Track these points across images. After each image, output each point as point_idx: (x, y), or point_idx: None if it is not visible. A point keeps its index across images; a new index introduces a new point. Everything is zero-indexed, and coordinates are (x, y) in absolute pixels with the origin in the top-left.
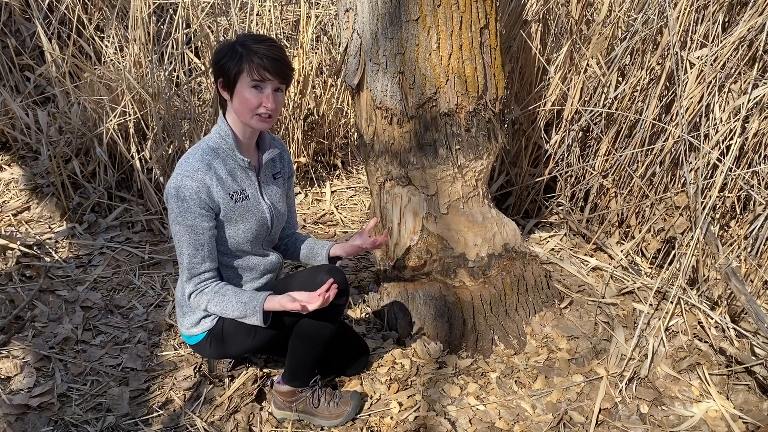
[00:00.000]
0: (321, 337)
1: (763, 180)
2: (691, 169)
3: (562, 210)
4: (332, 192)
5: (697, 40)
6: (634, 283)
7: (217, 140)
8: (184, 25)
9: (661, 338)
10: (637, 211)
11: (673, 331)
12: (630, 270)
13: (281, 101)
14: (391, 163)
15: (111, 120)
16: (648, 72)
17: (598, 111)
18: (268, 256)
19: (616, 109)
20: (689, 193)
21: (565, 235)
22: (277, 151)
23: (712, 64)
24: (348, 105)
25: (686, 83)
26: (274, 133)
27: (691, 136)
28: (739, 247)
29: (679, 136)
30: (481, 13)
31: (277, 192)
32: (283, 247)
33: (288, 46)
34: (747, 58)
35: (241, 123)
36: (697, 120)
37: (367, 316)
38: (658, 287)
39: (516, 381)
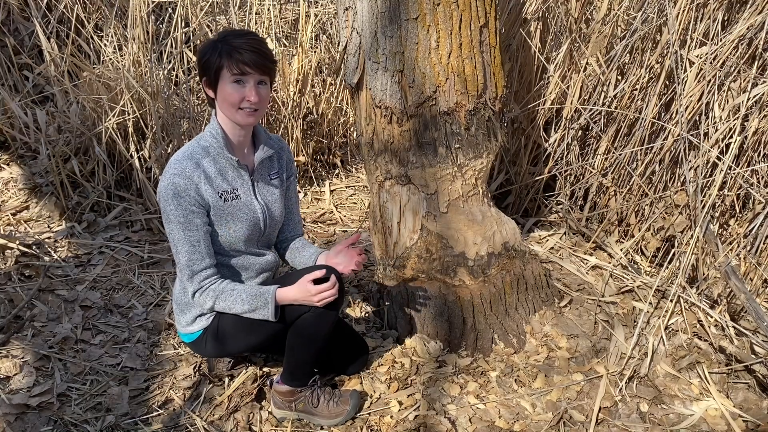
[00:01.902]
0: (318, 335)
1: (762, 178)
2: (691, 168)
3: (561, 209)
4: (331, 191)
5: (697, 38)
6: (634, 281)
7: (208, 139)
8: (183, 24)
9: (661, 337)
10: (636, 209)
11: (672, 329)
12: (630, 268)
13: (266, 94)
14: (390, 162)
15: (110, 119)
16: (647, 70)
17: (597, 109)
18: (264, 255)
19: (616, 108)
20: (689, 191)
21: (565, 233)
22: (272, 151)
23: (711, 63)
24: (347, 104)
25: (686, 82)
26: (272, 132)
27: (691, 135)
28: (738, 246)
29: (678, 135)
30: (480, 12)
31: (273, 193)
32: (283, 251)
33: (287, 44)
34: (746, 56)
35: (230, 121)
36: (697, 118)
37: (367, 315)
38: (658, 286)
39: (516, 380)
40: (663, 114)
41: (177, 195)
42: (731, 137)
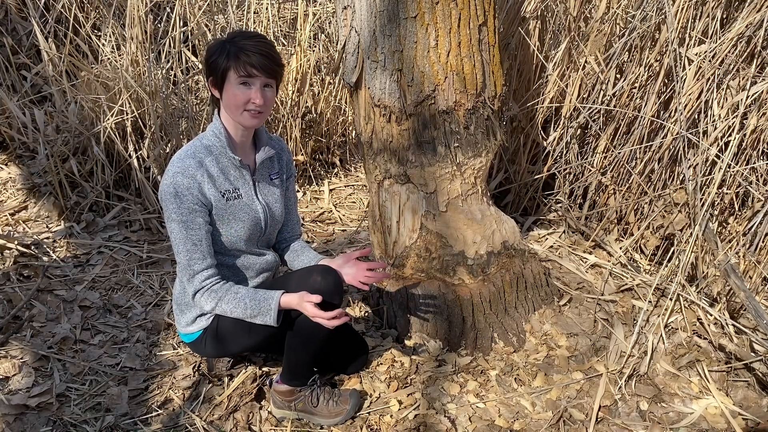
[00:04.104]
0: (317, 335)
1: (761, 176)
2: (690, 166)
3: (560, 207)
4: (330, 190)
5: (696, 36)
6: (633, 280)
7: (211, 138)
8: (182, 23)
9: (661, 335)
10: (635, 208)
11: (672, 327)
12: (629, 267)
13: (271, 97)
14: (389, 161)
15: (108, 119)
16: (646, 69)
17: (596, 108)
18: (264, 255)
19: (615, 106)
20: (688, 189)
21: (564, 232)
22: (273, 152)
23: (710, 61)
24: (346, 103)
25: (685, 80)
26: (272, 132)
27: (690, 133)
28: (737, 244)
29: (677, 133)
30: (479, 10)
31: (273, 192)
32: (282, 252)
33: (285, 44)
34: (745, 54)
35: (233, 121)
36: (696, 117)
37: (367, 314)
38: (657, 284)
39: (516, 378)
40: (662, 112)
41: (179, 194)
42: (730, 135)
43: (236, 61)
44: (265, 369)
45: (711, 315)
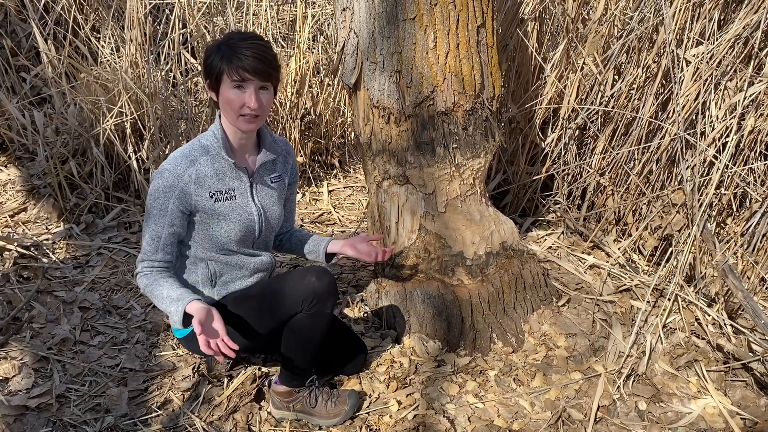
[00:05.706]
0: (313, 336)
1: (759, 177)
2: (688, 167)
3: (559, 208)
4: (330, 191)
5: (693, 37)
6: (632, 280)
7: (209, 138)
8: (181, 25)
9: (659, 335)
10: (634, 208)
11: (670, 328)
12: (627, 267)
13: (268, 100)
14: (388, 162)
15: (108, 120)
16: (644, 70)
17: (594, 109)
18: (259, 256)
19: (613, 107)
20: (686, 190)
21: (563, 233)
22: (274, 156)
23: (708, 62)
24: (345, 104)
25: (682, 81)
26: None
27: (688, 134)
28: (735, 244)
29: (675, 134)
30: (477, 12)
31: (272, 196)
32: (278, 243)
33: (284, 45)
34: (742, 55)
35: (231, 124)
36: (694, 117)
37: (366, 315)
38: (656, 284)
39: (514, 379)
40: (660, 113)
41: (160, 189)
42: (728, 136)
43: (229, 65)
44: (264, 370)
45: (709, 315)
